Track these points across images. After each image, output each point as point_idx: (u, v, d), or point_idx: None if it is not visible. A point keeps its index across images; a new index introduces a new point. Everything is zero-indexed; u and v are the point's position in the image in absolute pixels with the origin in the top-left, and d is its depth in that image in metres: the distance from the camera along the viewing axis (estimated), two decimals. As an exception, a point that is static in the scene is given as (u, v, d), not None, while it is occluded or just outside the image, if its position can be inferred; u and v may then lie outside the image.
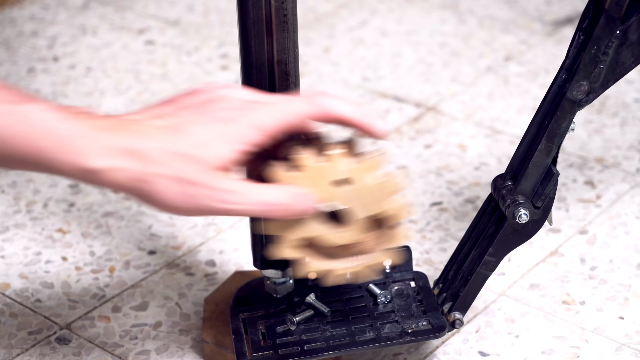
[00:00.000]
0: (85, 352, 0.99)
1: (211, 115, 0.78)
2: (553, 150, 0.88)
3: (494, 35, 1.57)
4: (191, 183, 0.76)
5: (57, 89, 1.45)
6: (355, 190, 0.81)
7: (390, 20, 1.62)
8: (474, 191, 1.21)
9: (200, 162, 0.77)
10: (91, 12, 1.67)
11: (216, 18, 1.65)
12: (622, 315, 1.02)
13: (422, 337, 0.91)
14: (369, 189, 0.81)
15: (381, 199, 0.81)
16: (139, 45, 1.57)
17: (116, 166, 0.75)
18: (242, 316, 0.93)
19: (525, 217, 0.89)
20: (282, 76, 0.87)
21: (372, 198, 0.81)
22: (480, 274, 0.92)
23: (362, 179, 0.80)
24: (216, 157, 0.77)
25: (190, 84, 1.46)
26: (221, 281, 1.07)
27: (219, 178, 0.77)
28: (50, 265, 1.11)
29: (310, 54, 1.53)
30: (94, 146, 0.75)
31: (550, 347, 0.98)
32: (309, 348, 0.90)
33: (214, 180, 0.77)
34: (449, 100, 1.40)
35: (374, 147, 0.84)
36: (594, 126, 1.33)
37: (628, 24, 0.83)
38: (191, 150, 0.77)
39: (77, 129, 0.75)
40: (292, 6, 0.85)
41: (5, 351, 0.99)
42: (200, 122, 0.78)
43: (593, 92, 0.86)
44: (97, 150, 0.75)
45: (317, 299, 0.94)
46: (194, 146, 0.77)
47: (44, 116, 0.75)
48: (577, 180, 1.22)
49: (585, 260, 1.09)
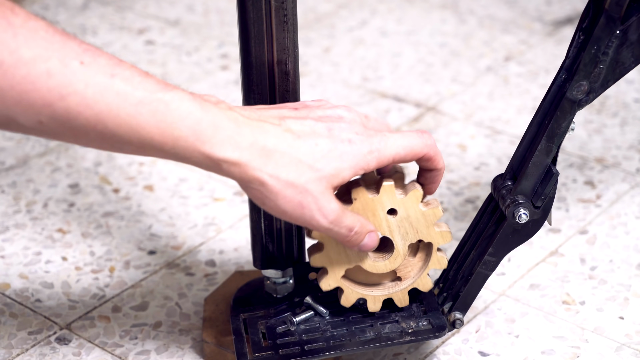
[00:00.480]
0: (85, 352, 0.99)
1: (333, 133, 0.80)
2: (553, 150, 0.88)
3: (494, 35, 1.57)
4: (304, 192, 0.78)
5: (57, 89, 1.45)
6: (401, 220, 0.87)
7: (390, 20, 1.62)
8: (474, 191, 1.21)
9: (318, 174, 0.79)
10: (91, 12, 1.67)
11: (216, 18, 1.65)
12: (622, 315, 1.02)
13: (423, 337, 0.91)
14: (413, 218, 0.87)
15: (424, 227, 0.87)
16: (139, 45, 1.57)
17: (239, 160, 0.77)
18: (243, 316, 0.93)
19: (525, 217, 0.89)
20: (282, 76, 0.87)
21: (416, 227, 0.87)
22: (481, 274, 0.92)
23: (407, 209, 0.86)
24: (334, 174, 0.80)
25: (190, 84, 1.46)
26: (221, 281, 1.07)
27: (328, 194, 0.80)
28: (50, 265, 1.11)
29: (310, 54, 1.53)
30: (227, 137, 0.76)
31: (550, 347, 0.98)
32: (310, 348, 0.90)
33: (324, 195, 0.79)
34: (449, 100, 1.40)
35: None
36: (594, 126, 1.33)
37: (628, 24, 0.83)
38: (312, 161, 0.79)
39: (219, 120, 0.76)
40: (292, 6, 0.85)
41: (5, 351, 0.99)
42: (323, 136, 0.80)
43: (593, 92, 0.86)
44: (228, 142, 0.76)
45: (317, 299, 0.94)
46: (316, 158, 0.79)
47: (187, 105, 0.75)
48: (577, 180, 1.22)
49: (585, 260, 1.09)
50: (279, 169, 0.78)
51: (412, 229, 0.87)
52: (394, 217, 0.87)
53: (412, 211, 0.86)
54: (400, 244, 0.88)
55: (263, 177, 0.77)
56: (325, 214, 0.80)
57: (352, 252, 0.88)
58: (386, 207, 0.86)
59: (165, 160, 1.27)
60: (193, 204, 1.20)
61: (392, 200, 0.86)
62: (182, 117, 0.75)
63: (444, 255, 0.90)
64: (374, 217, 0.86)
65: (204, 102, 0.76)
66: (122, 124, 0.74)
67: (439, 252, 0.89)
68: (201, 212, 1.19)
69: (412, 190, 0.86)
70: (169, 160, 1.27)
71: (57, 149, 1.31)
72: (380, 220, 0.87)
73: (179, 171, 1.26)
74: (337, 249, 0.88)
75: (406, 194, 0.86)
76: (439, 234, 0.88)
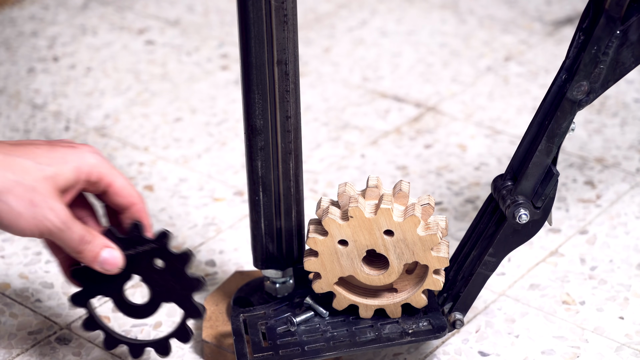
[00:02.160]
0: (85, 352, 0.99)
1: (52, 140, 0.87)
2: (553, 151, 0.88)
3: (494, 35, 1.57)
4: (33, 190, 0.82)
5: (57, 89, 1.45)
6: (397, 241, 0.88)
7: (390, 20, 1.62)
8: (474, 191, 1.21)
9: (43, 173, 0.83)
10: (91, 12, 1.67)
11: (216, 18, 1.65)
12: (622, 315, 1.02)
13: (423, 337, 0.91)
14: (410, 241, 0.88)
15: (421, 250, 0.88)
16: (139, 45, 1.57)
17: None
18: (243, 317, 0.93)
19: (525, 218, 0.89)
20: (282, 76, 0.87)
21: (412, 249, 0.88)
22: (481, 274, 0.92)
23: (404, 232, 0.87)
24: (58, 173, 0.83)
25: (190, 84, 1.46)
26: (221, 281, 1.07)
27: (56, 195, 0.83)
28: (50, 265, 1.10)
29: (310, 54, 1.53)
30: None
31: (550, 347, 0.98)
32: (310, 349, 0.90)
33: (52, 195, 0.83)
34: (449, 100, 1.40)
35: (424, 200, 0.89)
36: (594, 126, 1.33)
37: (628, 24, 0.83)
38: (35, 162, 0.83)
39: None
40: (292, 6, 0.85)
41: (5, 351, 0.99)
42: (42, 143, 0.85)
43: (593, 92, 0.86)
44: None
45: (317, 299, 0.94)
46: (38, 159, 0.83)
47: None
48: (577, 180, 1.22)
49: (585, 260, 1.09)
50: (4, 170, 0.80)
51: (408, 251, 0.88)
52: (390, 238, 0.87)
53: (408, 234, 0.87)
54: (396, 262, 0.89)
55: None
56: (57, 213, 0.81)
57: (345, 262, 0.89)
58: (383, 227, 0.87)
59: (165, 160, 1.27)
60: (193, 204, 1.20)
61: (389, 223, 0.87)
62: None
63: (440, 278, 0.90)
64: (370, 235, 0.87)
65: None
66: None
67: (435, 275, 0.90)
68: (201, 212, 1.19)
69: (410, 216, 0.86)
70: (169, 161, 1.27)
71: (57, 149, 1.31)
72: (376, 239, 0.87)
73: (179, 171, 1.26)
74: (332, 257, 0.88)
75: (404, 218, 0.87)
76: (435, 259, 0.88)
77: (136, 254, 0.87)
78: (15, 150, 0.82)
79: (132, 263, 0.87)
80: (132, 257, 0.87)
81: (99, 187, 0.86)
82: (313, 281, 0.90)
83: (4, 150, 0.81)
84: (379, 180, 0.89)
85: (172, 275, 0.87)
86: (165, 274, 0.88)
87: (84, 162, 0.84)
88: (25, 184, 0.80)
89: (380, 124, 1.35)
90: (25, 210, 0.80)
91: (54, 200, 0.81)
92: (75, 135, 1.34)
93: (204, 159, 1.29)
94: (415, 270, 0.91)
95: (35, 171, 0.81)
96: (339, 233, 0.87)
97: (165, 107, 1.40)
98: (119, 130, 1.35)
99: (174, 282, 0.88)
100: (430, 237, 0.87)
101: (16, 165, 0.81)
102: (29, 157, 0.82)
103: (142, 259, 0.87)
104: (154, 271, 0.88)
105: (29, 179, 0.80)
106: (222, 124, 1.36)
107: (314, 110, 1.39)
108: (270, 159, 0.90)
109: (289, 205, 0.92)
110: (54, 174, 0.82)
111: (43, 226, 0.81)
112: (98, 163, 0.85)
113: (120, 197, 0.87)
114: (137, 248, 0.87)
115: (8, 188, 0.80)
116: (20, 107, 1.41)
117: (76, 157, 0.84)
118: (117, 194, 0.86)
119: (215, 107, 1.40)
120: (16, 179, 0.80)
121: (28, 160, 0.81)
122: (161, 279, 0.88)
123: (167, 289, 0.88)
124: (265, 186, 0.91)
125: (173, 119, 1.37)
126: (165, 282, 0.88)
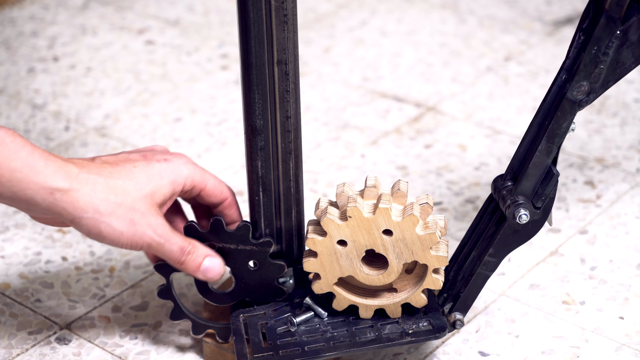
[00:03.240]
0: (85, 352, 0.99)
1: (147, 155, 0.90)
2: (553, 151, 0.88)
3: (494, 35, 1.57)
4: (133, 209, 0.87)
5: (57, 89, 1.45)
6: (396, 241, 0.88)
7: (390, 20, 1.62)
8: (474, 191, 1.21)
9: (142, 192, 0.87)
10: (91, 12, 1.67)
11: (216, 18, 1.65)
12: (622, 315, 1.02)
13: (423, 337, 0.91)
14: (409, 240, 0.88)
15: (420, 250, 0.88)
16: (139, 45, 1.57)
17: (70, 187, 0.84)
18: (243, 317, 0.93)
19: (525, 218, 0.89)
20: (282, 76, 0.87)
21: (411, 248, 0.88)
22: (481, 275, 0.92)
23: (403, 232, 0.87)
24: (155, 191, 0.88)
25: (190, 83, 1.46)
26: (221, 281, 1.07)
27: (154, 211, 0.88)
28: (50, 265, 1.11)
29: (310, 54, 1.53)
30: (58, 168, 0.84)
31: (550, 347, 0.98)
32: (310, 349, 0.90)
33: (151, 211, 0.88)
34: (449, 100, 1.40)
35: (423, 199, 0.89)
36: (594, 126, 1.33)
37: (628, 25, 0.83)
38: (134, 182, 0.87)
39: (46, 154, 0.83)
40: (292, 6, 0.85)
41: (5, 351, 0.99)
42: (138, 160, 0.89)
43: (593, 93, 0.86)
44: (59, 172, 0.83)
45: (317, 300, 0.93)
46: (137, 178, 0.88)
47: (19, 140, 0.82)
48: (577, 180, 1.22)
49: (585, 260, 1.09)
50: (107, 193, 0.85)
51: (407, 250, 0.88)
52: (389, 237, 0.87)
53: (407, 234, 0.87)
54: (395, 262, 0.89)
55: (94, 202, 0.84)
56: (154, 228, 0.87)
57: (345, 262, 0.89)
58: (381, 227, 0.87)
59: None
60: (193, 204, 1.20)
61: (387, 222, 0.87)
62: (16, 150, 0.82)
63: (439, 277, 0.90)
64: (369, 235, 0.87)
65: (26, 139, 0.83)
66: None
67: (434, 274, 0.90)
68: (201, 212, 1.18)
69: (408, 215, 0.86)
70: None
71: (57, 148, 1.31)
72: (375, 239, 0.87)
73: (179, 171, 1.26)
74: (331, 257, 0.88)
75: (403, 217, 0.87)
76: (434, 258, 0.88)
77: (235, 249, 0.92)
78: (115, 173, 0.87)
79: (227, 255, 0.92)
80: (231, 251, 0.92)
81: (193, 193, 0.92)
82: (313, 282, 0.90)
83: (105, 174, 0.86)
84: (377, 180, 0.89)
85: (260, 279, 0.93)
86: (255, 275, 0.93)
87: (179, 175, 0.89)
88: (126, 205, 0.86)
89: (380, 124, 1.35)
90: (126, 229, 0.86)
91: (153, 216, 0.87)
92: (75, 135, 1.34)
93: (204, 159, 1.29)
94: (415, 270, 0.91)
95: (134, 191, 0.86)
96: (338, 233, 0.87)
97: (165, 107, 1.40)
98: (119, 130, 1.35)
99: (259, 286, 0.93)
100: (429, 236, 0.87)
101: (118, 189, 0.86)
102: (129, 178, 0.87)
103: (239, 255, 0.92)
104: (245, 269, 0.93)
105: (129, 199, 0.86)
106: (222, 124, 1.36)
107: (314, 110, 1.39)
108: (270, 159, 0.90)
109: (289, 205, 0.92)
110: (152, 191, 0.87)
111: (143, 242, 0.87)
112: (190, 173, 0.90)
113: (213, 197, 0.92)
114: (239, 245, 0.92)
115: (111, 211, 0.85)
116: (20, 107, 1.41)
117: (171, 171, 0.89)
118: (209, 195, 0.92)
119: (215, 107, 1.40)
120: (117, 201, 0.85)
121: (128, 182, 0.86)
122: (249, 278, 0.93)
123: (251, 289, 0.94)
124: (265, 186, 0.91)
125: (173, 119, 1.37)
126: (252, 282, 0.93)
